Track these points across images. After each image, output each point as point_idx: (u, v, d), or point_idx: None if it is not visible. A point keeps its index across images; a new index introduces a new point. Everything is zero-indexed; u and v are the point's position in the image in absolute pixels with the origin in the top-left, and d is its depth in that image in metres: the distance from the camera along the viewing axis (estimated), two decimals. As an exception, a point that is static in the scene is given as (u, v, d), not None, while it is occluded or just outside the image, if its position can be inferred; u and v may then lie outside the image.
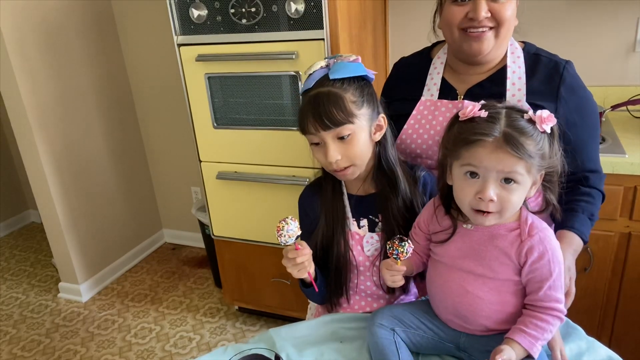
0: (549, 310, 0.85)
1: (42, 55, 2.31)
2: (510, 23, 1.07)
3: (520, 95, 1.11)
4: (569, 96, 1.10)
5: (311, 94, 0.98)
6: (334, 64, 1.01)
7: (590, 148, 1.14)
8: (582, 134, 1.11)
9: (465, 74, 1.18)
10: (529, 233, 0.86)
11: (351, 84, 0.99)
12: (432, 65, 1.22)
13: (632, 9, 1.86)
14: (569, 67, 1.12)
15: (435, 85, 1.19)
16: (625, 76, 1.96)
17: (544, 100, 1.09)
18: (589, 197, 1.11)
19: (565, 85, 1.10)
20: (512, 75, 1.12)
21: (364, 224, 1.10)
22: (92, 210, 2.65)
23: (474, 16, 1.04)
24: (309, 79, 1.01)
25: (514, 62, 1.13)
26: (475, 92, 1.15)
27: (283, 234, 0.94)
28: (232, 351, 0.97)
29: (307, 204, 1.15)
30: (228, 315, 2.43)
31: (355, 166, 1.01)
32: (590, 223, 1.09)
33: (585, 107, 1.13)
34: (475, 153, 0.82)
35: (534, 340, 0.83)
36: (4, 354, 2.26)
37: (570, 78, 1.11)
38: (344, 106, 0.96)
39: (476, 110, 0.85)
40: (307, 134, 1.01)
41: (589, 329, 1.05)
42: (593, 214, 1.10)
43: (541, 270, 0.85)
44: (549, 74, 1.11)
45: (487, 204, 0.83)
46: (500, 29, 1.06)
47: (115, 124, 2.76)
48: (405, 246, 0.94)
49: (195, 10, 1.76)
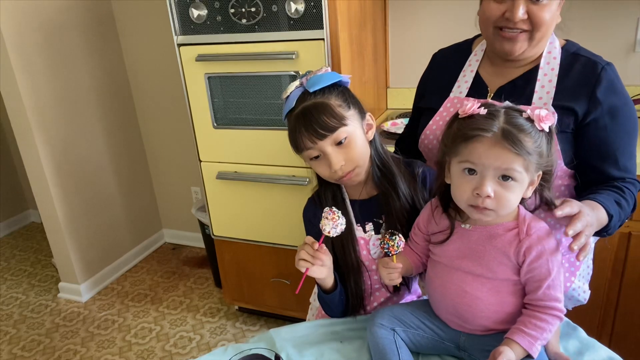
0: (548, 309, 0.85)
1: (42, 55, 2.31)
2: (547, 26, 1.03)
3: (547, 99, 1.06)
4: (605, 98, 1.04)
5: (296, 111, 0.99)
6: (308, 79, 1.01)
7: (620, 154, 1.07)
8: (614, 139, 1.06)
9: (502, 67, 1.13)
10: (527, 232, 0.86)
11: (332, 91, 1.00)
12: (467, 62, 1.19)
13: (632, 9, 1.86)
14: (609, 69, 1.07)
15: (466, 84, 1.16)
16: (625, 76, 1.94)
17: (576, 101, 1.05)
18: (620, 190, 1.05)
19: (602, 86, 1.04)
20: (543, 77, 1.08)
21: (369, 228, 1.09)
22: (92, 210, 2.65)
23: (510, 16, 1.00)
24: (288, 100, 1.02)
25: (547, 64, 1.09)
26: (506, 90, 1.11)
27: (339, 223, 0.95)
28: (232, 351, 0.97)
29: (311, 215, 1.13)
30: (228, 315, 2.43)
31: (359, 167, 1.01)
32: (619, 210, 1.01)
33: (621, 112, 1.06)
34: (473, 149, 0.83)
35: (534, 340, 0.83)
36: (4, 354, 2.26)
37: (609, 80, 1.06)
38: (333, 112, 0.97)
39: (475, 107, 0.85)
40: (304, 151, 1.00)
41: (589, 329, 1.06)
42: (620, 200, 1.03)
43: (540, 270, 0.85)
44: (585, 74, 1.06)
45: (484, 200, 0.83)
46: (535, 32, 1.02)
47: (115, 124, 2.76)
48: (396, 240, 0.95)
49: (195, 10, 1.76)
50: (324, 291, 1.08)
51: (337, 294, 1.08)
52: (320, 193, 1.12)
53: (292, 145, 1.02)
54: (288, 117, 1.02)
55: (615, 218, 0.99)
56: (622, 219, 1.04)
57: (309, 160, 1.02)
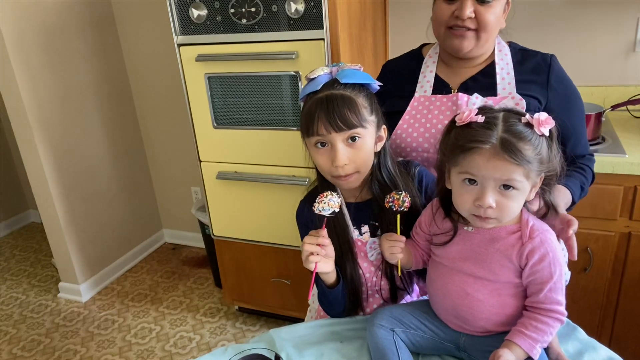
0: (549, 312, 0.85)
1: (42, 55, 2.31)
2: (492, 27, 1.13)
3: (510, 89, 1.17)
4: (558, 85, 1.18)
5: (320, 95, 0.96)
6: (342, 69, 1.00)
7: (580, 134, 1.22)
8: (573, 120, 1.19)
9: (458, 67, 1.23)
10: (530, 235, 0.85)
11: (361, 91, 0.99)
12: (425, 64, 1.26)
13: (632, 9, 1.86)
14: (555, 59, 1.20)
15: (428, 83, 1.24)
16: (625, 76, 1.96)
17: (535, 90, 1.17)
18: (581, 170, 1.20)
19: (554, 74, 1.18)
20: (501, 71, 1.19)
21: (365, 231, 1.09)
22: (92, 210, 2.65)
23: (459, 14, 1.11)
24: (313, 82, 1.00)
25: (501, 59, 1.20)
26: (468, 85, 1.21)
27: (324, 201, 0.95)
28: (232, 351, 0.97)
29: (306, 216, 1.12)
30: (228, 315, 2.43)
31: (360, 173, 1.00)
32: (581, 191, 1.17)
33: (573, 94, 1.21)
34: (472, 161, 0.81)
35: (534, 342, 0.83)
36: (4, 354, 2.26)
37: (558, 68, 1.20)
38: (357, 110, 0.95)
39: (473, 115, 0.83)
40: (312, 136, 0.97)
41: (589, 329, 1.06)
42: (585, 183, 1.18)
43: (542, 273, 0.85)
44: (538, 65, 1.19)
45: (486, 211, 0.83)
46: (481, 32, 1.13)
47: (115, 124, 2.76)
48: (402, 195, 0.96)
49: (195, 10, 1.76)
50: (328, 287, 1.07)
51: (340, 289, 1.07)
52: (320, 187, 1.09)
53: (302, 126, 0.99)
54: (307, 97, 1.00)
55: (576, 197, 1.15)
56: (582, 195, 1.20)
57: (313, 146, 1.00)
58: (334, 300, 1.09)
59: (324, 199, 0.95)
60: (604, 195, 1.57)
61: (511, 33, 1.25)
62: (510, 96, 1.15)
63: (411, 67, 1.28)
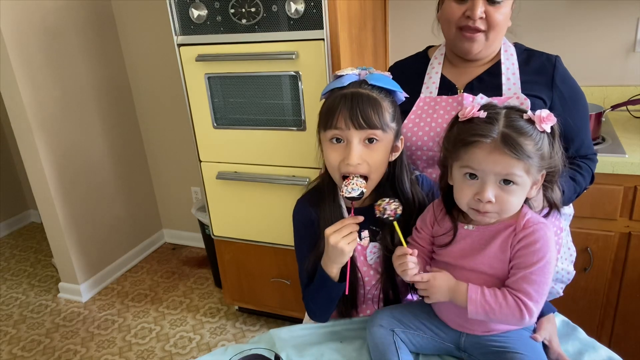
0: (514, 297, 0.83)
1: (42, 55, 2.31)
2: (500, 27, 1.14)
3: (515, 89, 1.17)
4: (563, 86, 1.18)
5: (346, 91, 0.96)
6: (371, 73, 1.00)
7: (584, 135, 1.22)
8: (577, 121, 1.19)
9: (463, 67, 1.23)
10: (524, 226, 0.86)
11: (387, 96, 0.99)
12: (430, 65, 1.27)
13: (632, 9, 1.86)
14: (560, 60, 1.21)
15: (434, 84, 1.24)
16: (625, 76, 1.96)
17: (540, 90, 1.17)
18: (578, 167, 1.20)
19: (559, 75, 1.18)
20: (507, 71, 1.19)
21: (365, 235, 1.08)
22: (92, 210, 2.65)
23: (470, 14, 1.10)
24: (341, 78, 1.00)
25: (507, 59, 1.20)
26: (474, 86, 1.21)
27: (351, 182, 0.95)
28: (232, 351, 0.97)
29: (305, 214, 1.11)
30: (228, 315, 2.43)
31: (371, 180, 0.99)
32: (574, 184, 1.16)
33: (578, 95, 1.21)
34: (473, 155, 0.82)
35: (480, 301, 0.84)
36: (4, 354, 2.26)
37: (562, 69, 1.20)
38: (381, 112, 0.95)
39: (475, 110, 0.84)
40: (330, 129, 0.96)
41: (589, 329, 1.06)
42: (575, 178, 1.18)
43: (523, 259, 0.84)
44: (543, 65, 1.19)
45: (485, 205, 0.83)
46: (490, 32, 1.14)
47: (115, 124, 2.76)
48: (392, 203, 0.95)
49: (195, 11, 1.76)
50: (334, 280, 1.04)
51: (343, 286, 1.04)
52: (323, 191, 1.08)
53: (321, 119, 0.99)
54: (331, 92, 1.00)
55: (567, 194, 1.13)
56: (577, 191, 1.20)
57: (327, 141, 0.99)
58: (336, 297, 1.06)
59: (350, 181, 0.95)
60: (604, 195, 1.57)
61: (515, 33, 1.24)
62: (515, 96, 1.15)
63: (417, 68, 1.28)
